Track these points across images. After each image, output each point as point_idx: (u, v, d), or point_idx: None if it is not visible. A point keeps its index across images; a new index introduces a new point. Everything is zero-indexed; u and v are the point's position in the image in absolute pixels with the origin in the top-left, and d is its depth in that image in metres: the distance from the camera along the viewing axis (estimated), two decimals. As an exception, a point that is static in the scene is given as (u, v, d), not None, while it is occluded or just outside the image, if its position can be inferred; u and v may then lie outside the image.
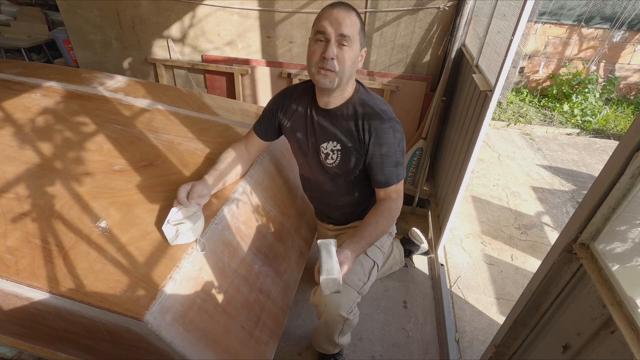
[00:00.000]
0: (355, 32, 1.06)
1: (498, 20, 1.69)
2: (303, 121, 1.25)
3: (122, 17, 2.70)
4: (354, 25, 1.05)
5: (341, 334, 1.33)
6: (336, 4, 1.06)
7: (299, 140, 1.28)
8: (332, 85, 1.10)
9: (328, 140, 1.21)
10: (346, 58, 1.05)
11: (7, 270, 0.93)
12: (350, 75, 1.11)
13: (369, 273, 1.29)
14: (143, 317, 0.84)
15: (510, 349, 1.10)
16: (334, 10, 1.04)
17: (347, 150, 1.19)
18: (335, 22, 1.03)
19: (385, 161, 1.15)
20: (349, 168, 1.22)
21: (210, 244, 1.07)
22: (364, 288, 1.26)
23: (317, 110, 1.21)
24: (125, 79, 1.87)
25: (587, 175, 3.16)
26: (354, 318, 1.26)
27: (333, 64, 1.05)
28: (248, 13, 2.48)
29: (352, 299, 1.22)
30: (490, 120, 1.52)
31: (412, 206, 2.43)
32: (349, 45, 1.05)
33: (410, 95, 2.50)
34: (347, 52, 1.05)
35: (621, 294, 0.72)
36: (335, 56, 1.05)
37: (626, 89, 4.57)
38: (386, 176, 1.17)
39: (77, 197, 1.13)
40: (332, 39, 1.04)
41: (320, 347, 1.46)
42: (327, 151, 1.22)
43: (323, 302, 1.20)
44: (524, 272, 2.08)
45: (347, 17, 1.03)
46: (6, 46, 3.91)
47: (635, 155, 0.70)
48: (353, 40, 1.05)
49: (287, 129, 1.30)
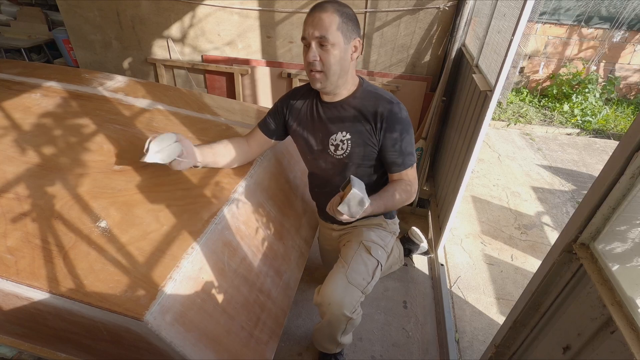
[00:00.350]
0: (333, 29, 1.07)
1: (498, 21, 1.69)
2: (310, 117, 1.27)
3: (122, 17, 2.70)
4: (331, 23, 1.06)
5: (344, 333, 1.33)
6: (315, 6, 1.10)
7: (306, 138, 1.30)
8: (324, 85, 1.15)
9: (337, 132, 1.23)
10: (329, 57, 1.09)
11: (7, 270, 0.93)
12: (341, 70, 1.13)
13: (373, 273, 1.29)
14: (143, 317, 0.84)
15: (510, 349, 1.10)
16: (311, 14, 1.08)
17: (358, 138, 1.21)
18: (311, 26, 1.07)
19: (397, 145, 1.18)
20: (359, 157, 1.24)
21: (210, 244, 1.07)
22: (368, 288, 1.26)
23: (323, 105, 1.25)
24: (125, 79, 1.87)
25: (587, 175, 3.16)
26: (357, 317, 1.26)
27: (318, 65, 1.10)
28: (248, 13, 2.48)
29: (356, 298, 1.23)
30: (490, 120, 1.52)
31: (412, 206, 2.43)
32: (329, 44, 1.08)
33: (410, 95, 2.50)
34: (329, 51, 1.09)
35: (621, 294, 0.72)
36: (317, 58, 1.09)
37: (626, 89, 4.57)
38: (401, 160, 1.20)
39: (77, 197, 1.13)
40: (312, 42, 1.08)
41: (321, 346, 1.46)
42: (337, 142, 1.23)
43: (327, 302, 1.20)
44: (524, 272, 2.08)
45: (322, 18, 1.06)
46: (6, 46, 3.91)
47: (635, 155, 0.70)
48: (331, 38, 1.07)
49: (294, 128, 1.32)
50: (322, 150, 1.28)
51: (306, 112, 1.28)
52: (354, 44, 1.13)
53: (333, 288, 1.21)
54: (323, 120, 1.24)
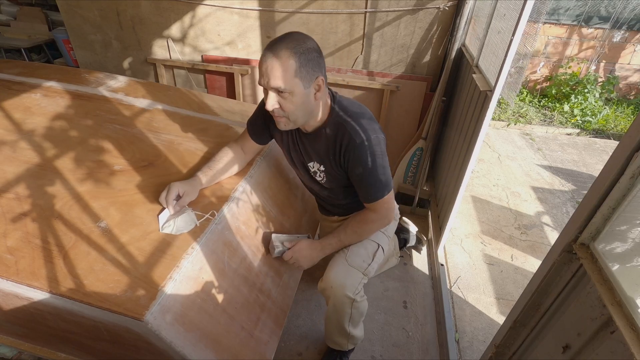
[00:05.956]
0: (289, 77, 0.98)
1: (498, 21, 1.69)
2: (291, 139, 1.26)
3: (122, 17, 2.70)
4: (286, 72, 0.97)
5: (351, 321, 1.34)
6: (271, 46, 0.98)
7: (290, 153, 1.30)
8: (290, 127, 1.11)
9: (312, 161, 1.23)
10: (288, 105, 1.03)
11: (7, 270, 0.93)
12: (305, 112, 1.07)
13: (373, 255, 1.32)
14: (143, 317, 0.84)
15: (510, 349, 1.10)
16: (264, 59, 0.98)
17: (330, 171, 1.21)
18: (265, 76, 0.99)
19: (363, 181, 1.16)
20: (338, 184, 1.26)
21: (210, 244, 1.07)
22: (369, 269, 1.29)
23: (299, 131, 1.22)
24: (125, 79, 1.87)
25: (587, 175, 3.16)
26: (361, 300, 1.29)
27: (278, 112, 1.05)
28: (248, 13, 2.48)
29: (357, 279, 1.26)
30: (490, 120, 1.52)
31: (412, 206, 2.43)
32: (286, 93, 1.01)
33: (410, 95, 2.50)
34: (290, 100, 1.02)
35: (621, 294, 0.72)
36: (277, 105, 1.03)
37: (626, 89, 4.57)
38: (366, 194, 1.19)
39: (77, 197, 1.13)
40: (269, 91, 1.02)
41: (333, 341, 1.46)
42: (314, 169, 1.25)
43: (329, 285, 1.25)
44: (524, 272, 2.08)
45: (275, 67, 0.97)
46: (6, 46, 3.90)
47: (635, 155, 0.70)
48: (288, 88, 0.99)
49: (278, 140, 1.32)
50: (304, 171, 1.30)
51: (288, 132, 1.24)
52: (317, 83, 1.04)
53: (335, 271, 1.26)
54: (300, 146, 1.24)
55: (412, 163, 2.40)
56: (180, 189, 1.11)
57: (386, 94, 2.48)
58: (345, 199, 1.35)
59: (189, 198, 1.13)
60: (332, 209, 1.46)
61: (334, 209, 1.45)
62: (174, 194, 1.10)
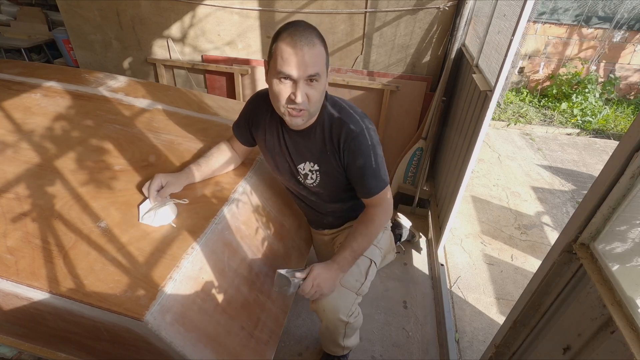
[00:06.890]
0: (323, 63, 0.95)
1: (498, 21, 1.69)
2: (277, 141, 1.18)
3: (122, 17, 2.70)
4: (320, 57, 0.94)
5: (345, 337, 1.32)
6: (297, 34, 0.91)
7: (274, 160, 1.23)
8: (305, 122, 1.06)
9: (305, 161, 1.16)
10: (315, 93, 0.98)
11: (7, 270, 0.93)
12: (321, 100, 1.04)
13: (366, 272, 1.25)
14: (143, 317, 0.84)
15: (511, 349, 1.10)
16: (297, 49, 0.91)
17: (326, 169, 1.15)
18: (302, 66, 0.92)
19: (364, 173, 1.10)
20: (331, 186, 1.19)
21: (210, 244, 1.07)
22: (362, 288, 1.22)
23: (288, 131, 1.14)
24: (125, 79, 1.87)
25: (587, 175, 3.16)
26: (355, 320, 1.23)
27: (305, 104, 0.98)
28: (248, 13, 2.48)
29: (350, 301, 1.19)
30: (490, 120, 1.52)
31: (412, 206, 2.43)
32: (319, 80, 0.96)
33: (410, 95, 2.50)
34: (317, 88, 0.97)
35: (621, 294, 0.72)
36: (307, 98, 0.97)
37: (626, 89, 4.57)
38: (368, 187, 1.12)
39: (77, 197, 1.13)
40: (301, 82, 0.94)
41: (327, 348, 1.47)
42: (305, 172, 1.17)
43: (321, 308, 1.17)
44: (524, 272, 2.08)
45: (312, 54, 0.92)
46: (6, 46, 3.90)
47: (635, 155, 0.70)
48: (322, 74, 0.96)
49: (261, 145, 1.24)
50: (291, 177, 1.23)
51: (272, 133, 1.18)
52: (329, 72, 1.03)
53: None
54: (289, 148, 1.16)
55: (412, 163, 2.40)
56: (163, 180, 1.12)
57: (386, 94, 2.48)
58: (337, 202, 1.29)
59: (171, 189, 1.14)
60: (322, 219, 1.39)
61: (323, 218, 1.38)
62: (157, 184, 1.10)
